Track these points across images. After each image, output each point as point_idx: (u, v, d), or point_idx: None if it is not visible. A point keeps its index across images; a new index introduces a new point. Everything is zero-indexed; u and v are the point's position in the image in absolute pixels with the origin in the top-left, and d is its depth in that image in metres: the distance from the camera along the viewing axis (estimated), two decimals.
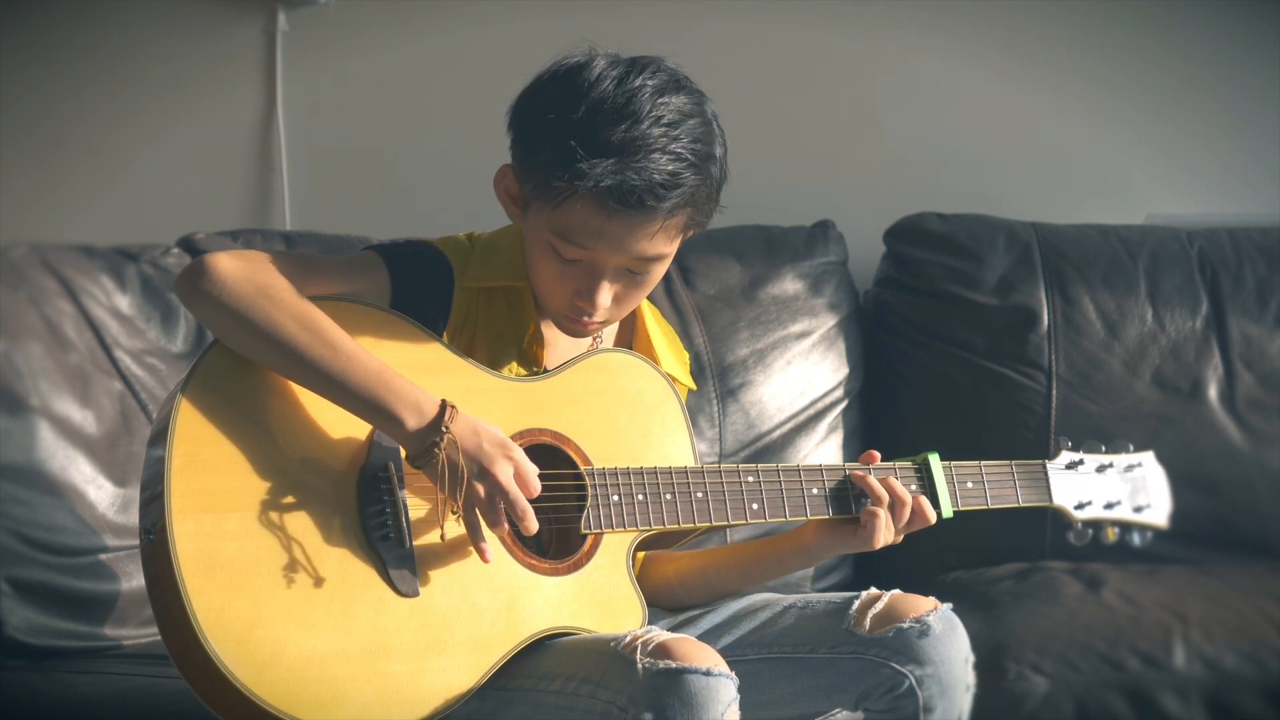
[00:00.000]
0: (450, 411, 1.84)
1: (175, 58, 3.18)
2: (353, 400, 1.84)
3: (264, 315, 1.83)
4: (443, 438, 1.82)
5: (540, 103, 1.91)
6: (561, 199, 1.87)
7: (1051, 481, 2.20)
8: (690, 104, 1.91)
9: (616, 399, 2.03)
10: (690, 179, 1.89)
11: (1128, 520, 2.24)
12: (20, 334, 2.49)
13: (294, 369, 1.85)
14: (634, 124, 1.86)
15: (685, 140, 1.89)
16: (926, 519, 2.07)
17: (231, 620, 1.75)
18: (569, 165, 1.85)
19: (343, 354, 1.83)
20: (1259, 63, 3.28)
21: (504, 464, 1.85)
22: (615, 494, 1.97)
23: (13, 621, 2.36)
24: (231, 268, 1.85)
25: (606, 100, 1.87)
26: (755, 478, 2.04)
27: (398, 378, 1.84)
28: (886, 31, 3.26)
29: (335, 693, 1.78)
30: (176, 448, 1.79)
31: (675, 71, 1.94)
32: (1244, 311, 2.98)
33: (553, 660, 1.87)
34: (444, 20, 3.23)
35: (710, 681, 1.76)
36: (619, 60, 1.92)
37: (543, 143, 1.88)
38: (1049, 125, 3.28)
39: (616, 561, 1.97)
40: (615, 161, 1.85)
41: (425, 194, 3.20)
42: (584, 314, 1.96)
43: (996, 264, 3.00)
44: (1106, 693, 2.41)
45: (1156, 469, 2.28)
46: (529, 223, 1.95)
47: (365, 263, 1.98)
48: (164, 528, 1.76)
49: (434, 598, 1.85)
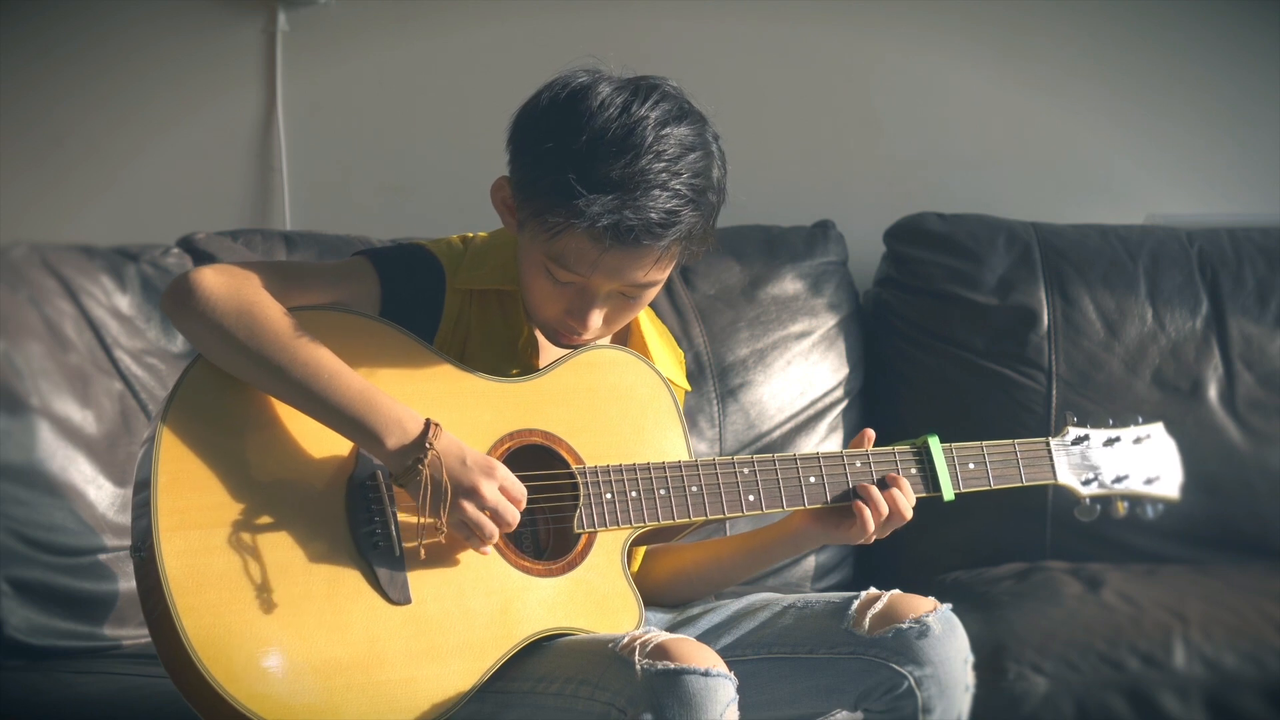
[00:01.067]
0: (434, 429, 1.83)
1: (175, 58, 3.18)
2: (335, 419, 1.84)
3: (247, 333, 1.83)
4: (425, 455, 1.82)
5: (541, 128, 1.89)
6: (558, 231, 1.86)
7: (1055, 459, 2.18)
8: (692, 135, 1.89)
9: (607, 396, 2.01)
10: (688, 216, 1.87)
11: (1137, 493, 2.21)
12: (20, 334, 2.49)
13: (277, 387, 1.84)
14: (634, 158, 1.84)
15: (686, 176, 1.87)
16: (903, 517, 2.06)
17: (223, 636, 1.75)
18: (567, 200, 1.84)
19: (325, 372, 1.83)
20: (1259, 63, 3.28)
21: (488, 481, 1.85)
22: (609, 492, 1.96)
23: (13, 621, 2.36)
24: (216, 284, 1.85)
25: (608, 131, 1.84)
26: (751, 469, 2.03)
27: (381, 396, 1.84)
28: (886, 31, 3.26)
29: (330, 704, 1.78)
30: (163, 465, 1.79)
31: (679, 97, 1.91)
32: (1244, 311, 2.98)
33: (551, 662, 1.87)
34: (444, 20, 3.23)
35: (709, 682, 1.76)
36: (623, 84, 1.89)
37: (542, 171, 1.87)
38: (1049, 125, 3.28)
39: (611, 560, 1.96)
40: (614, 198, 1.83)
41: (425, 194, 3.20)
42: (574, 331, 1.96)
43: (996, 264, 3.00)
44: (1106, 693, 2.41)
45: (1166, 440, 2.26)
46: (524, 239, 1.94)
47: (354, 269, 1.98)
48: (151, 547, 1.76)
49: (426, 604, 1.85)
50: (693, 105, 1.92)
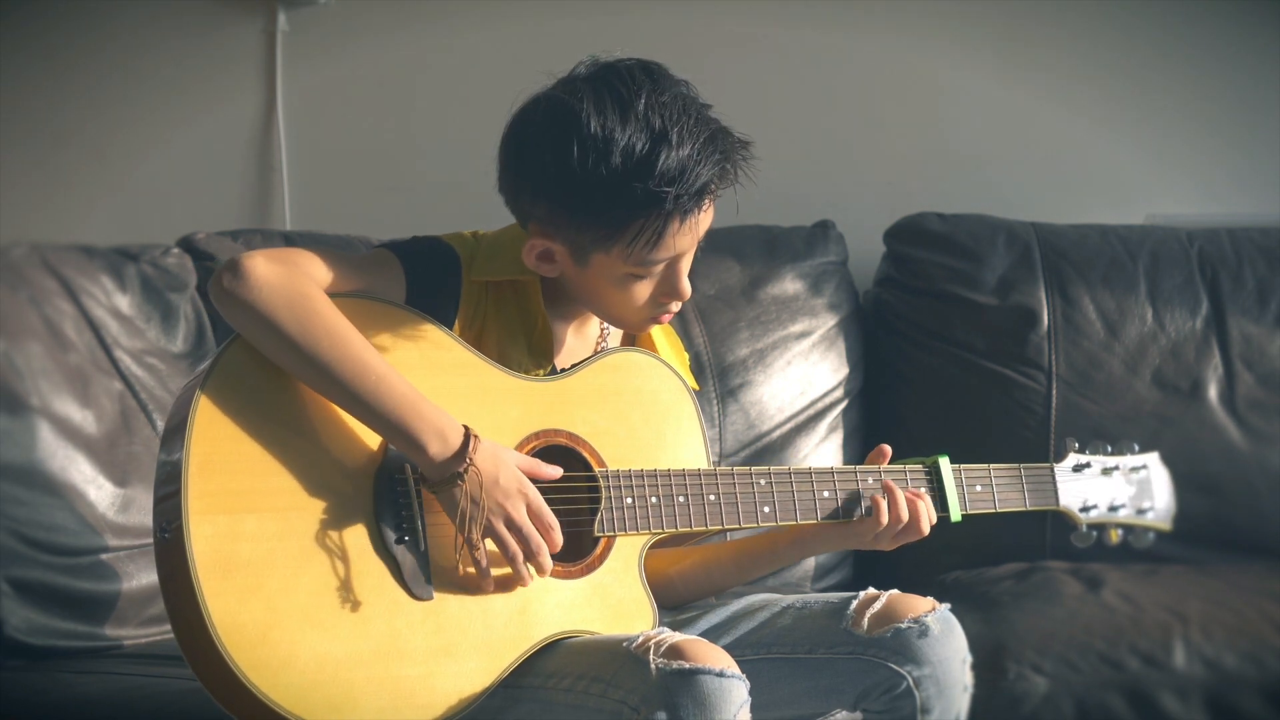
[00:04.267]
0: (475, 442, 1.84)
1: (175, 58, 3.18)
2: (378, 421, 1.84)
3: (298, 326, 1.83)
4: (467, 470, 1.83)
5: (568, 168, 1.88)
6: (657, 236, 1.89)
7: (1059, 485, 2.20)
8: (670, 86, 1.92)
9: (632, 399, 2.03)
10: (728, 144, 1.92)
11: (1131, 523, 2.24)
12: (20, 334, 2.48)
13: (322, 382, 1.84)
14: (665, 144, 1.87)
15: (700, 120, 1.91)
16: (920, 532, 2.08)
17: (246, 623, 1.76)
18: (646, 207, 1.87)
19: (372, 373, 1.83)
20: (1259, 63, 3.28)
21: (519, 502, 1.87)
22: (629, 496, 1.97)
23: (13, 621, 2.36)
24: (269, 273, 1.84)
25: (633, 142, 1.87)
26: (767, 480, 2.04)
27: (425, 402, 1.84)
28: (886, 31, 3.26)
29: (348, 696, 1.78)
30: (195, 446, 1.79)
31: (635, 69, 1.92)
32: (1244, 311, 2.98)
33: (563, 659, 1.88)
34: (444, 20, 3.23)
35: (724, 683, 1.77)
36: (595, 92, 1.89)
37: (598, 201, 1.88)
38: (1049, 125, 3.28)
39: (629, 564, 1.98)
40: (679, 185, 1.87)
41: (425, 193, 3.20)
42: (669, 310, 2.00)
43: (996, 264, 3.00)
44: (1106, 693, 2.41)
45: (1161, 471, 2.28)
46: (591, 270, 1.95)
47: (380, 260, 1.99)
48: (180, 527, 1.76)
49: (447, 601, 1.86)
50: (634, 59, 1.95)
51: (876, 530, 2.05)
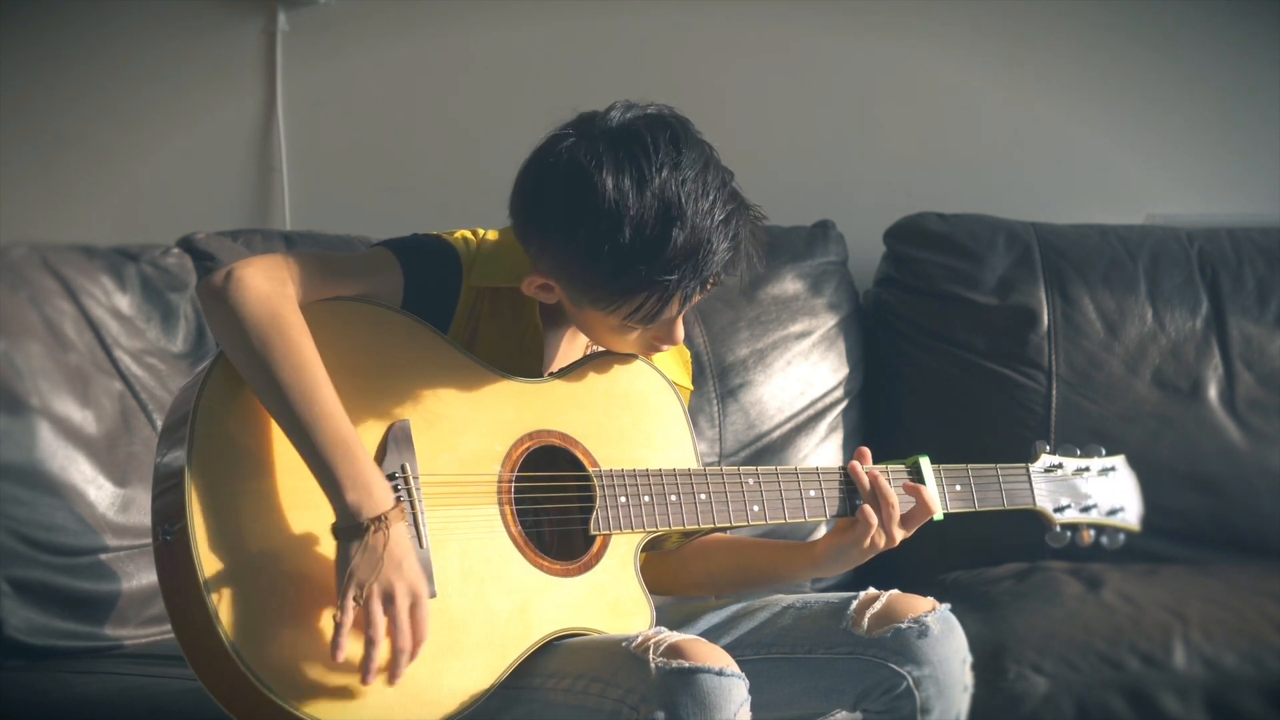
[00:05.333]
0: (396, 514, 1.79)
1: (175, 58, 3.18)
2: (309, 452, 1.80)
3: (260, 344, 1.81)
4: (378, 530, 1.76)
5: (576, 238, 1.87)
6: (650, 309, 1.90)
7: (1034, 485, 2.21)
8: (693, 153, 1.88)
9: (621, 401, 2.04)
10: (741, 225, 1.91)
11: (1102, 523, 2.25)
12: (20, 334, 2.49)
13: (269, 402, 1.82)
14: (678, 226, 1.85)
15: (716, 200, 1.88)
16: (930, 510, 2.07)
17: (253, 623, 1.76)
18: (649, 287, 1.87)
19: (317, 406, 1.80)
20: (1259, 63, 3.28)
21: (407, 597, 1.78)
22: (623, 495, 1.99)
23: (13, 621, 2.36)
24: (254, 287, 1.83)
25: (645, 216, 1.85)
26: (755, 480, 2.06)
27: (363, 455, 1.80)
28: (886, 31, 3.26)
29: (356, 694, 1.78)
30: (195, 446, 1.79)
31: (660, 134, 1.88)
32: (1244, 311, 2.98)
33: (562, 659, 1.88)
34: (444, 20, 3.23)
35: (723, 682, 1.77)
36: (615, 155, 1.86)
37: (602, 273, 1.87)
38: (1049, 125, 3.28)
39: (624, 562, 1.98)
40: (689, 264, 1.87)
41: (425, 194, 3.20)
42: (662, 347, 2.02)
43: (996, 264, 3.00)
44: (1106, 693, 2.41)
45: (1128, 473, 2.29)
46: (587, 314, 1.95)
47: (381, 262, 1.98)
48: (184, 529, 1.76)
49: (450, 599, 1.86)
50: (662, 114, 1.91)
51: (873, 523, 2.05)
